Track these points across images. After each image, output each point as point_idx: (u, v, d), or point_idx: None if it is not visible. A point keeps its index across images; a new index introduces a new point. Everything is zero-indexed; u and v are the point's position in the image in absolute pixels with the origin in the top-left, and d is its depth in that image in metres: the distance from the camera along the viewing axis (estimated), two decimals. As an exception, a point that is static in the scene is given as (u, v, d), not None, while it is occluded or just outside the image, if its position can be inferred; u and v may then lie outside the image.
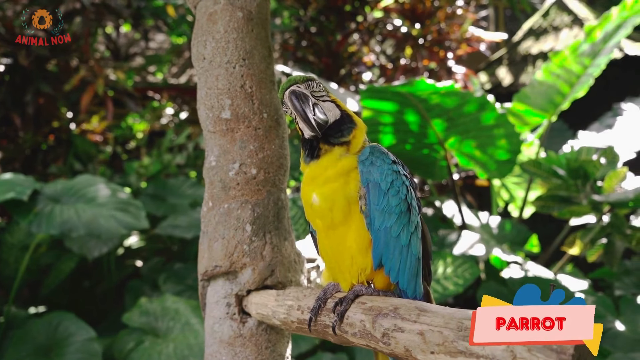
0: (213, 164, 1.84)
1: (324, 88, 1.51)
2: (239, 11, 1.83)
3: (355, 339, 1.41)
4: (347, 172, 1.45)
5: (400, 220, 1.44)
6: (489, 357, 1.13)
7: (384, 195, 1.43)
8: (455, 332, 1.19)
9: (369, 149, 1.47)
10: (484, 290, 4.22)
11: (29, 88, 5.73)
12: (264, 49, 1.87)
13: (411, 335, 1.27)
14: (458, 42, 6.37)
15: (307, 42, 6.54)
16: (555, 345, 1.06)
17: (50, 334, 3.80)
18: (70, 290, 5.26)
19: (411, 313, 1.30)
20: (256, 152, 1.82)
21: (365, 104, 4.37)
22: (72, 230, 3.71)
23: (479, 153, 4.63)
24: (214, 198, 1.83)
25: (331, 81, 6.02)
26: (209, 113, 1.84)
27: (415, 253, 1.48)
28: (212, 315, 1.81)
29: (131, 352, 3.76)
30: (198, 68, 1.87)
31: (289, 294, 1.64)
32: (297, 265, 1.87)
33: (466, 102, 4.07)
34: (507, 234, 5.25)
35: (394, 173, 1.45)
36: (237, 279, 1.78)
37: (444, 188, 6.17)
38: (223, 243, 1.77)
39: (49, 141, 6.28)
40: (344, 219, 1.46)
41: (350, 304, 1.43)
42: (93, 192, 4.14)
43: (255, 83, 1.83)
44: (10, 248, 4.77)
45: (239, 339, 1.76)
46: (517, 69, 7.54)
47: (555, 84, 5.00)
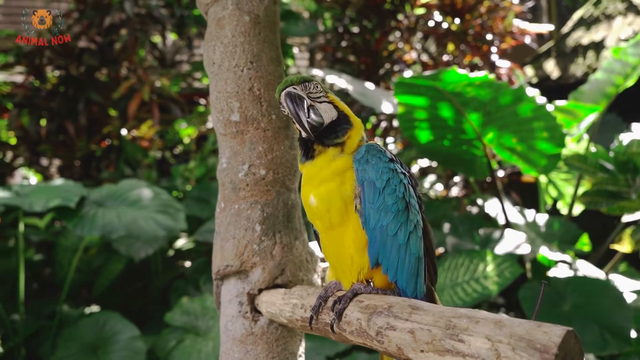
0: (224, 165, 1.88)
1: (322, 89, 1.51)
2: (246, 15, 1.86)
3: (353, 337, 1.41)
4: (341, 172, 1.45)
5: (398, 218, 1.43)
6: (475, 355, 1.11)
7: (380, 194, 1.42)
8: (443, 331, 1.18)
9: (365, 148, 1.46)
10: (526, 291, 4.09)
11: (80, 97, 6.01)
12: (272, 51, 1.90)
13: (402, 334, 1.26)
14: (502, 35, 6.21)
15: (347, 42, 6.55)
16: (538, 344, 1.03)
17: (97, 332, 3.98)
18: (122, 291, 5.48)
19: (404, 311, 1.29)
20: (265, 153, 1.84)
21: (400, 100, 4.32)
22: (113, 232, 3.87)
23: (520, 148, 4.49)
24: (225, 199, 1.87)
25: (370, 80, 6.00)
26: (219, 116, 1.88)
27: (414, 252, 1.46)
28: (226, 313, 1.85)
29: (172, 350, 3.88)
30: (209, 73, 1.92)
31: (293, 293, 1.66)
32: (309, 264, 1.88)
33: (501, 94, 3.96)
34: (556, 232, 5.07)
35: (391, 171, 1.44)
36: (248, 278, 1.82)
37: (490, 185, 6.02)
38: (234, 243, 1.81)
39: (102, 148, 6.56)
40: (341, 220, 1.46)
41: (348, 303, 1.44)
42: (135, 195, 4.30)
43: (264, 85, 1.86)
44: (64, 251, 5.03)
45: (251, 337, 1.80)
46: (566, 61, 7.26)
47: (610, 77, 4.81)
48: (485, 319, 1.14)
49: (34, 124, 5.97)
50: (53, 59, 6.05)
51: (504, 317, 1.13)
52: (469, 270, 4.21)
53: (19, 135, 6.25)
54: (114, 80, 6.28)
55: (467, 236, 4.74)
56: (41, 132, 5.89)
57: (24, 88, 6.06)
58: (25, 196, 4.04)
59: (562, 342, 1.01)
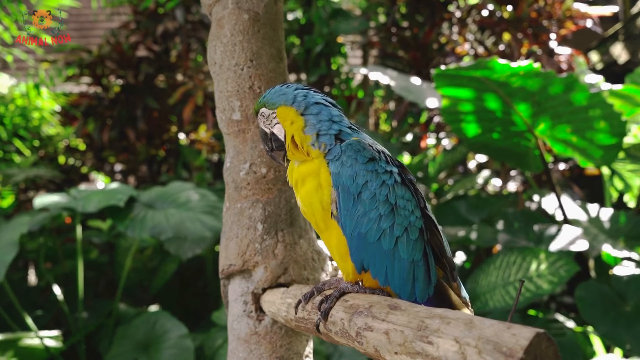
0: (228, 165, 1.89)
1: (270, 112, 1.49)
2: (245, 14, 1.85)
3: (338, 338, 1.37)
4: (313, 175, 1.41)
5: (379, 224, 1.33)
6: (442, 358, 1.04)
7: (355, 200, 1.33)
8: (414, 332, 1.12)
9: (340, 148, 1.38)
10: (583, 291, 3.84)
11: (139, 104, 6.27)
12: (273, 48, 1.88)
13: (378, 335, 1.20)
14: (561, 20, 5.89)
15: (396, 37, 6.44)
16: (505, 347, 0.95)
17: (149, 330, 4.12)
18: (182, 291, 5.66)
19: (382, 311, 1.23)
20: (266, 151, 1.83)
21: (443, 92, 4.18)
22: (162, 233, 3.99)
23: (575, 139, 4.22)
24: (229, 198, 1.87)
25: (420, 75, 5.85)
26: (222, 116, 1.89)
27: (405, 257, 1.35)
28: (232, 312, 1.85)
29: (219, 349, 3.95)
30: (212, 73, 1.93)
31: (289, 292, 1.64)
32: (315, 263, 1.85)
33: (550, 83, 3.74)
34: (622, 228, 4.73)
35: (370, 173, 1.34)
36: (251, 277, 1.81)
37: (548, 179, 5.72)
38: (237, 242, 1.81)
39: (162, 152, 6.81)
40: (324, 225, 1.42)
41: (334, 302, 1.39)
42: (184, 197, 4.41)
43: (264, 83, 1.85)
44: (124, 251, 5.26)
45: (254, 336, 1.79)
46: (635, 44, 6.77)
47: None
48: (457, 320, 1.06)
49: (98, 131, 6.28)
50: (113, 69, 6.35)
51: (475, 318, 1.05)
52: (522, 269, 4.01)
53: (86, 142, 6.61)
54: (171, 86, 6.50)
55: (522, 233, 4.51)
56: (104, 138, 6.19)
57: (88, 97, 6.39)
58: (81, 199, 4.24)
59: (529, 345, 0.93)
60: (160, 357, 4.01)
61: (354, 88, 6.84)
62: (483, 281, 4.09)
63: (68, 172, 6.55)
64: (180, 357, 3.97)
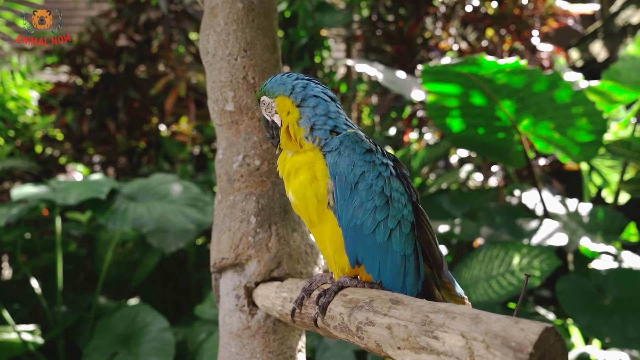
0: (220, 157, 1.85)
1: (270, 101, 1.47)
2: (239, 2, 1.82)
3: (337, 333, 1.35)
4: (307, 166, 1.39)
5: (375, 216, 1.33)
6: (448, 353, 1.03)
7: (352, 190, 1.33)
8: (418, 327, 1.11)
9: (338, 139, 1.37)
10: (564, 284, 3.90)
11: (119, 95, 6.15)
12: (267, 38, 1.85)
13: (381, 329, 1.19)
14: (543, 18, 5.94)
15: (381, 31, 6.43)
16: (513, 342, 0.95)
17: (130, 324, 4.06)
18: (163, 284, 5.59)
19: (383, 306, 1.22)
20: (260, 143, 1.80)
21: (429, 88, 4.19)
22: (143, 226, 3.93)
23: (557, 135, 4.27)
24: (221, 191, 1.84)
25: (404, 69, 5.86)
26: (214, 106, 1.85)
27: (398, 250, 1.35)
28: (224, 307, 1.82)
29: (203, 343, 3.91)
30: (204, 63, 1.89)
31: (284, 286, 1.62)
32: (308, 256, 1.83)
33: (535, 80, 3.77)
34: (600, 222, 4.82)
35: (367, 164, 1.34)
36: (244, 271, 1.78)
37: (529, 174, 5.79)
38: (229, 235, 1.78)
39: (142, 144, 6.70)
40: (318, 218, 1.40)
41: (333, 296, 1.38)
42: (166, 189, 4.35)
43: (258, 73, 1.82)
44: (104, 244, 5.17)
45: (247, 330, 1.76)
46: (614, 42, 6.88)
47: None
48: (463, 315, 1.06)
49: (77, 121, 6.15)
50: (93, 58, 6.22)
51: (481, 313, 1.04)
52: (504, 263, 4.05)
53: (64, 132, 6.46)
54: (152, 77, 6.39)
55: (504, 227, 4.56)
56: (83, 129, 6.06)
57: (67, 87, 6.25)
58: (60, 191, 4.15)
59: (538, 340, 0.92)
60: (140, 350, 3.96)
61: (336, 82, 6.82)
62: (466, 275, 4.13)
63: (45, 163, 6.41)
64: (161, 351, 3.92)
